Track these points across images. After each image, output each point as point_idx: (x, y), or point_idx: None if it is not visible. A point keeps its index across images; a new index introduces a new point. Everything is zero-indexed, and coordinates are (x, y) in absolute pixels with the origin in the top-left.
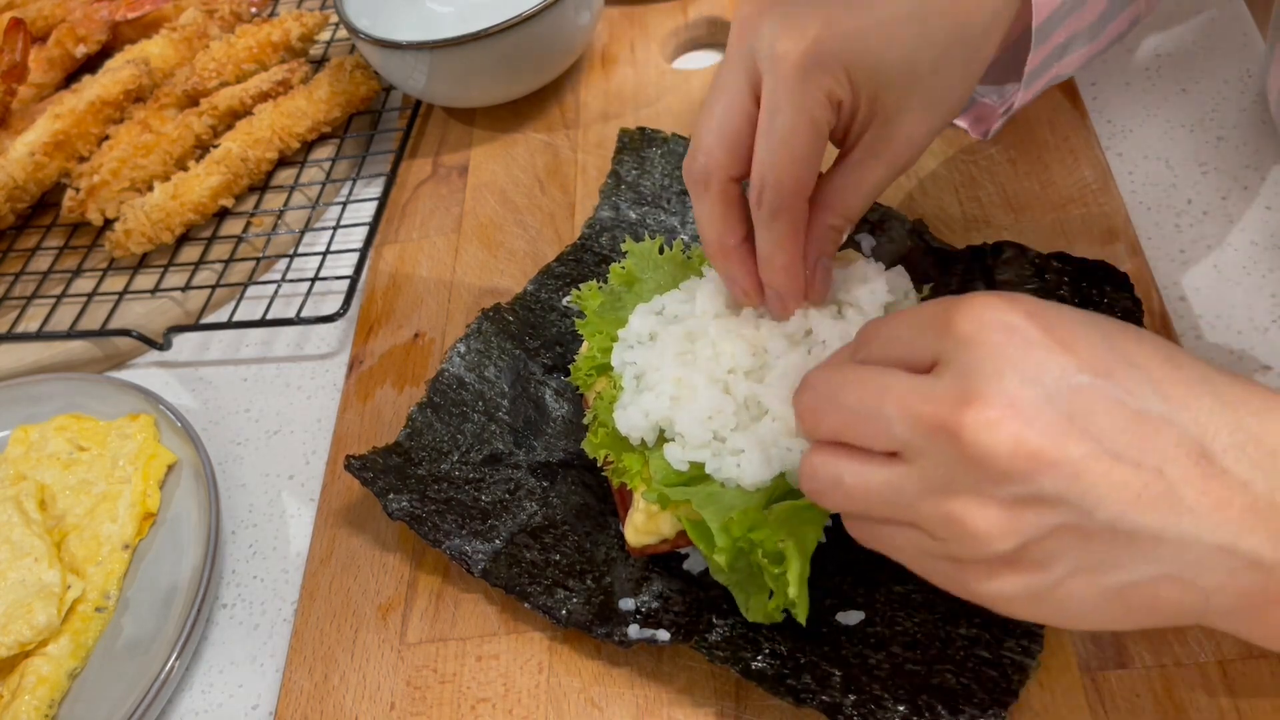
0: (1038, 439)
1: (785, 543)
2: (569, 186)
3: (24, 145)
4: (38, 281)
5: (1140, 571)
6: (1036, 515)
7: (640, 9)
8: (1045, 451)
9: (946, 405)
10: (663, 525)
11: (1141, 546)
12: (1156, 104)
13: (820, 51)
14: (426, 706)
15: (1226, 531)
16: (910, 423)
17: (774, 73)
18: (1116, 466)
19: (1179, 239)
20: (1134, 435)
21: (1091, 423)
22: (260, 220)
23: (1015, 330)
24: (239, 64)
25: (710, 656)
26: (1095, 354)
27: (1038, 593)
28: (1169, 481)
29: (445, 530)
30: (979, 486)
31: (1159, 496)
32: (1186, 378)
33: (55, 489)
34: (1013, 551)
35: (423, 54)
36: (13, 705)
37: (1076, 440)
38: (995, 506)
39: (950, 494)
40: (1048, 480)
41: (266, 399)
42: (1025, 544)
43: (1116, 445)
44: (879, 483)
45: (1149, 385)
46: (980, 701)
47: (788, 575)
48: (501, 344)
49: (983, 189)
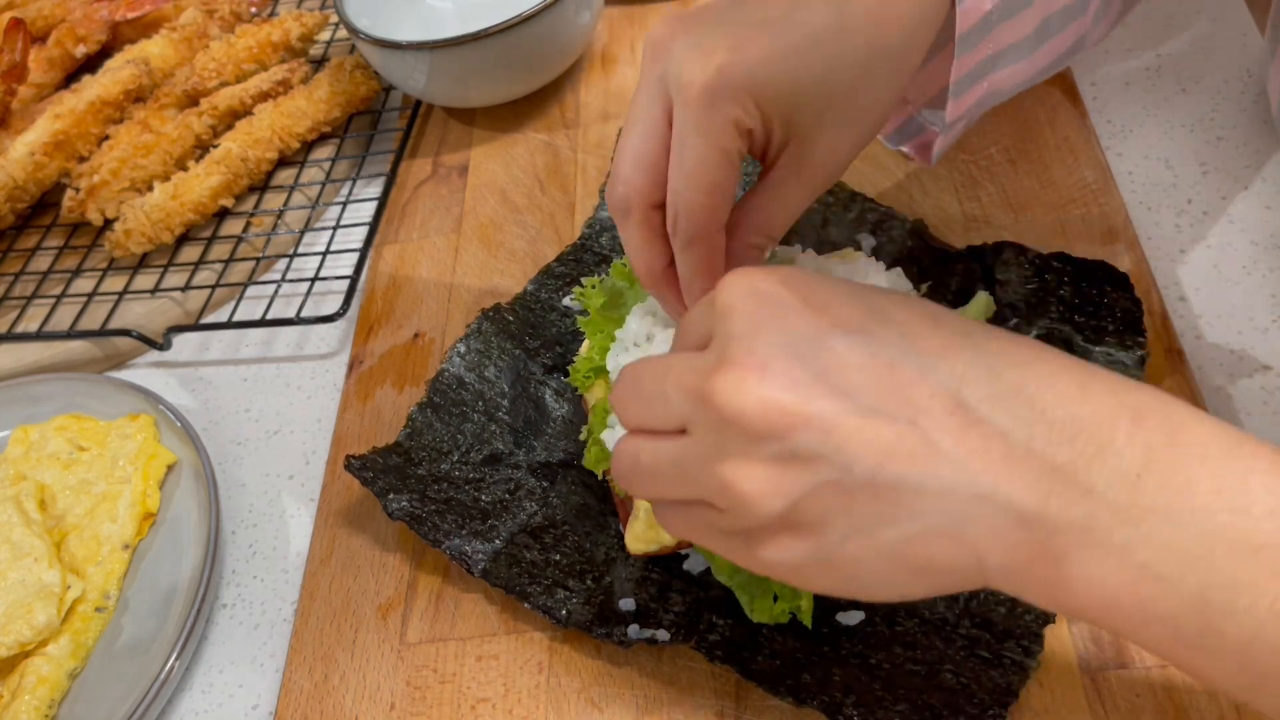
0: (785, 396)
1: None
2: (569, 186)
3: (24, 145)
4: (38, 281)
5: (909, 527)
6: (799, 473)
7: (640, 9)
8: (793, 408)
9: (703, 373)
10: (663, 533)
11: (904, 500)
12: (1156, 104)
13: (725, 80)
14: (426, 706)
15: (985, 480)
16: (683, 395)
17: (681, 102)
18: (868, 421)
19: (1179, 239)
20: (886, 388)
21: (842, 378)
22: (260, 220)
23: (767, 296)
24: (239, 64)
25: (710, 656)
26: (849, 313)
27: (822, 558)
28: (923, 432)
29: (445, 530)
30: (743, 449)
31: (914, 448)
32: (945, 333)
33: (55, 489)
34: (785, 513)
35: (423, 54)
36: (12, 705)
37: (825, 396)
38: (760, 467)
39: (720, 460)
40: (801, 437)
41: (266, 399)
42: (795, 503)
43: (868, 399)
44: (667, 457)
45: (903, 339)
46: (980, 701)
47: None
48: (501, 344)
49: (983, 189)
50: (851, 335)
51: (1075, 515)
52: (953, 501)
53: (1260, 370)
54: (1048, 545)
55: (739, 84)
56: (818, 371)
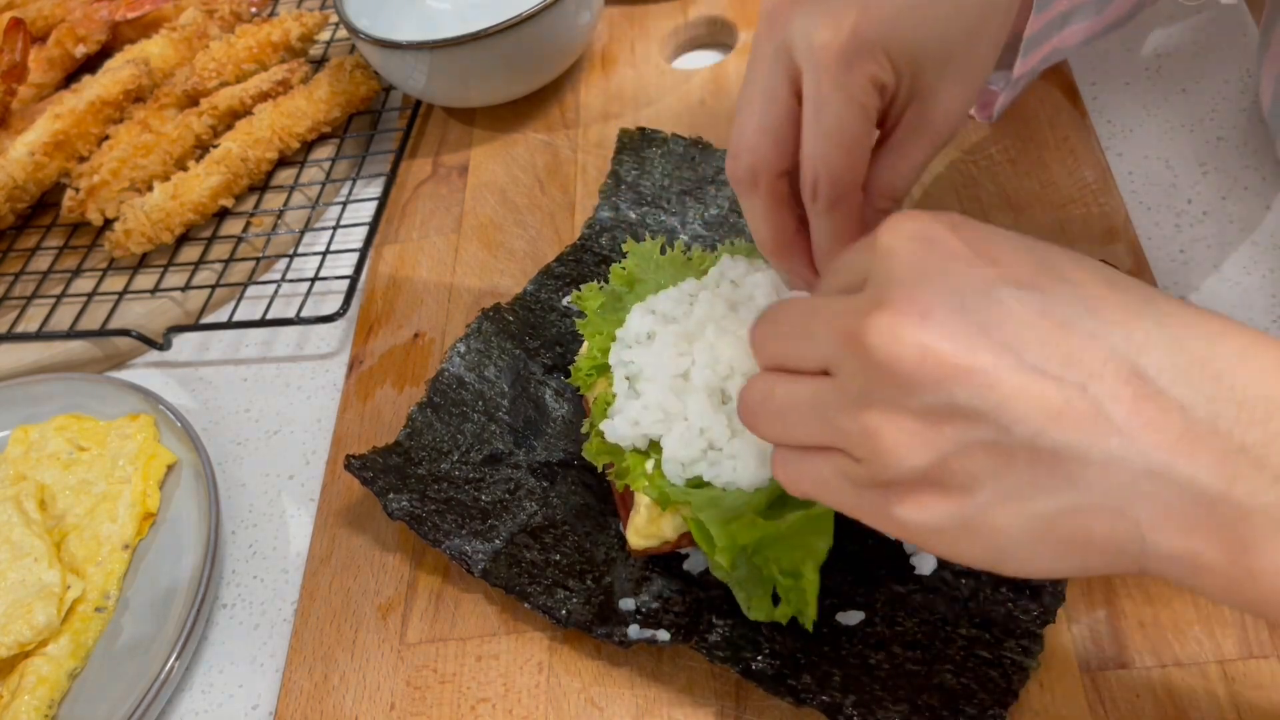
0: (947, 346)
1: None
2: (569, 186)
3: (24, 145)
4: (37, 281)
5: (1067, 498)
6: (952, 429)
7: (640, 9)
8: (954, 359)
9: (857, 315)
10: (664, 527)
11: (1066, 468)
12: (1156, 104)
13: (861, 38)
14: (426, 706)
15: (1160, 455)
16: (830, 336)
17: (816, 64)
18: (1035, 379)
19: (1179, 239)
20: (1056, 348)
21: (1009, 334)
22: (260, 220)
23: (936, 242)
24: (239, 64)
25: (710, 656)
26: (1021, 267)
27: (965, 522)
28: (1094, 399)
29: (445, 530)
30: (893, 398)
31: (1083, 414)
32: (1125, 298)
33: (55, 489)
34: (931, 468)
35: (423, 54)
36: (12, 705)
37: (990, 350)
38: (909, 418)
39: (866, 406)
40: (959, 390)
41: (266, 399)
42: (944, 459)
43: (1036, 358)
44: (804, 397)
45: (1080, 301)
46: (980, 701)
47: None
48: (501, 344)
49: (983, 189)
50: (1023, 290)
51: (1267, 500)
52: (1121, 475)
53: None
54: (1233, 531)
55: (873, 41)
56: (983, 324)
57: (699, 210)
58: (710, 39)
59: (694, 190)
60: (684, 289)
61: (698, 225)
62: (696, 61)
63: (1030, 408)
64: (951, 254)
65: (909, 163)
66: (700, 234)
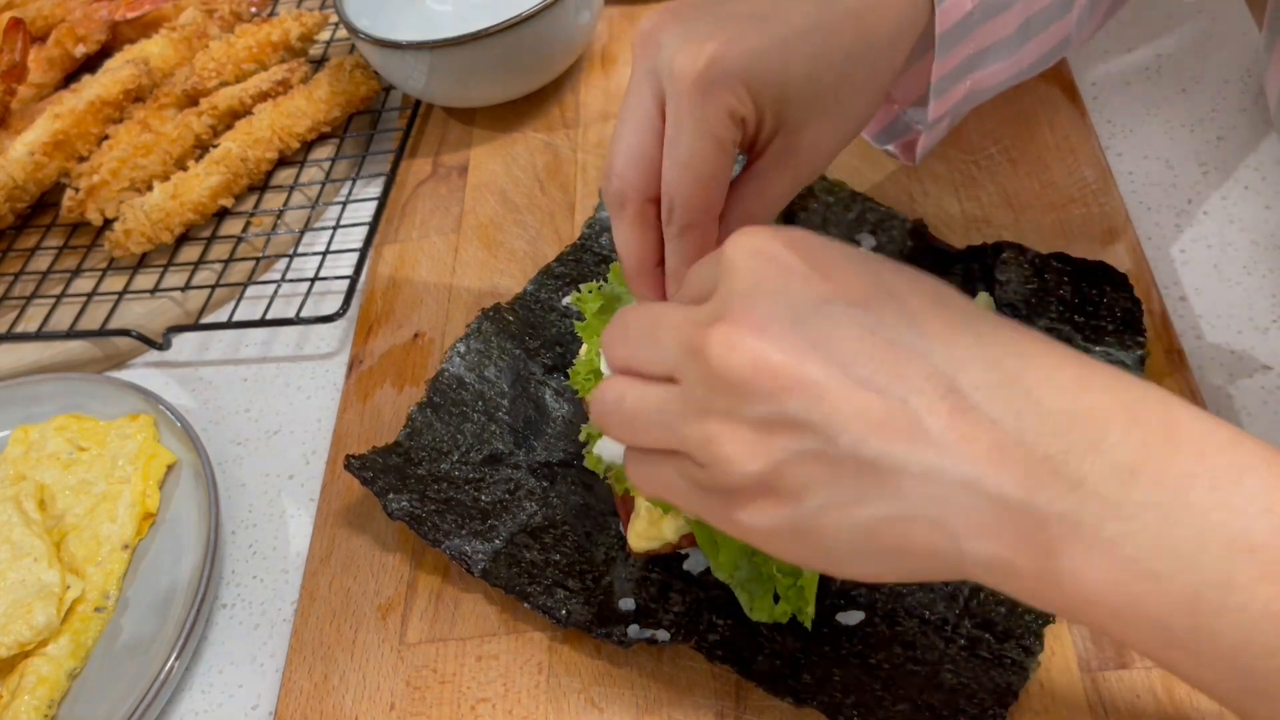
0: (779, 358)
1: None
2: (569, 186)
3: (24, 145)
4: (37, 281)
5: (887, 506)
6: (784, 439)
7: (640, 9)
8: (786, 371)
9: (699, 326)
10: (665, 530)
11: (886, 478)
12: (1156, 104)
13: (719, 69)
14: (426, 706)
15: (971, 467)
16: (675, 345)
17: (674, 91)
18: (859, 392)
19: (1179, 239)
20: (881, 363)
21: (839, 348)
22: (260, 220)
23: (774, 257)
24: (239, 64)
25: (710, 656)
26: (853, 283)
27: (797, 526)
28: (913, 412)
29: (445, 530)
30: (730, 407)
31: (903, 427)
32: (949, 316)
33: (55, 489)
34: (765, 475)
35: (423, 54)
36: (12, 705)
37: (820, 363)
38: (745, 427)
39: (707, 414)
40: (790, 401)
41: (266, 399)
42: (776, 467)
43: (862, 372)
44: (653, 402)
45: (905, 318)
46: (980, 701)
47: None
48: (501, 344)
49: (983, 189)
50: (854, 307)
51: (1064, 507)
52: (936, 486)
53: (1260, 370)
54: (1035, 538)
55: (732, 72)
56: (815, 339)
57: None
58: None
59: None
60: None
61: None
62: None
63: (855, 419)
64: (789, 269)
65: (769, 193)
66: None
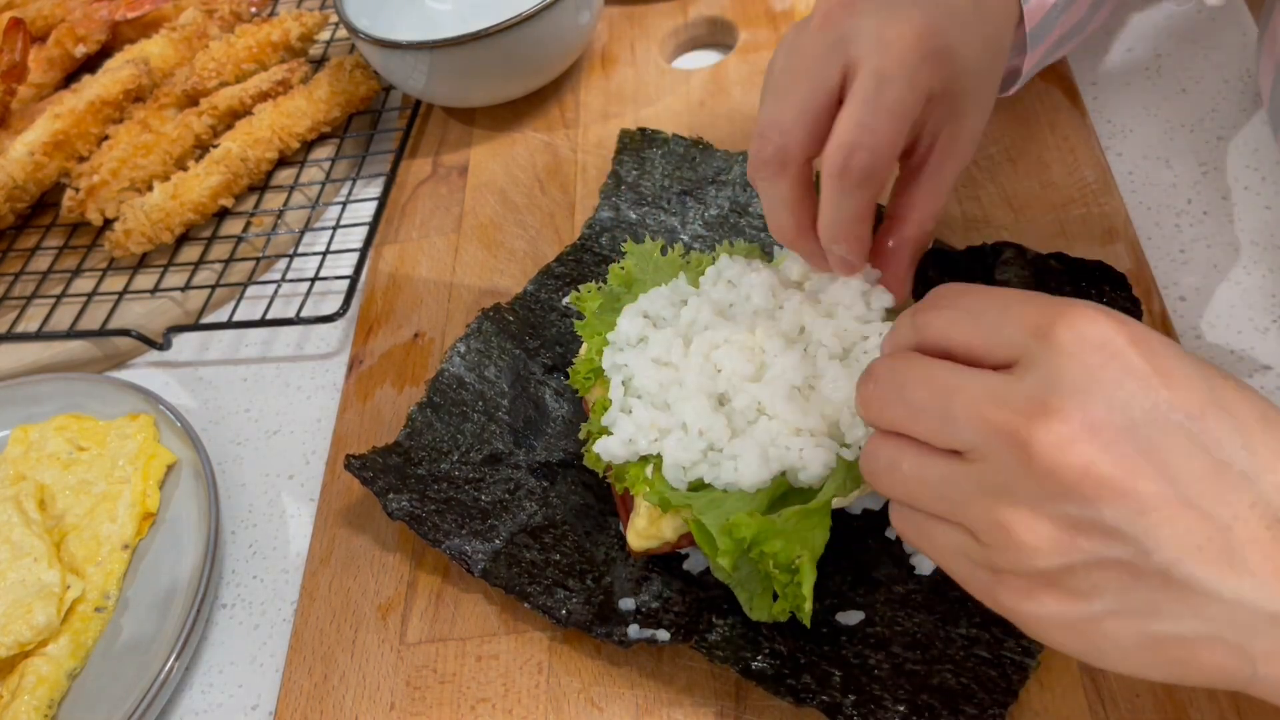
0: (1111, 467)
1: (800, 556)
2: (569, 186)
3: (24, 145)
4: (37, 281)
5: (1186, 626)
6: (1090, 542)
7: (640, 9)
8: (1116, 481)
9: (1022, 413)
10: (664, 529)
11: (1192, 600)
12: (1156, 104)
13: (930, 43)
14: (426, 706)
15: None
16: (978, 425)
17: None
18: (1185, 512)
19: (1179, 239)
20: (1211, 485)
21: (1171, 463)
22: (260, 220)
23: (1116, 353)
24: (239, 64)
25: (710, 656)
26: (1192, 394)
27: (1074, 624)
28: (1235, 539)
29: (445, 530)
30: (1037, 500)
31: (1221, 552)
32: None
33: (55, 489)
34: (1056, 572)
35: (423, 54)
36: (12, 705)
37: (1151, 477)
38: (1049, 523)
39: (1006, 501)
40: (1110, 509)
41: (266, 399)
42: (1071, 567)
43: (1191, 491)
44: (936, 477)
45: (1238, 438)
46: (980, 701)
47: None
48: (501, 344)
49: (983, 189)
50: (1190, 420)
51: None
52: (1246, 614)
53: (1260, 370)
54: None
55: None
56: (1149, 450)
57: (699, 210)
58: (710, 39)
59: (694, 190)
60: (675, 287)
61: (698, 225)
62: (696, 61)
63: (1175, 538)
64: (1130, 370)
65: (944, 186)
66: (700, 234)
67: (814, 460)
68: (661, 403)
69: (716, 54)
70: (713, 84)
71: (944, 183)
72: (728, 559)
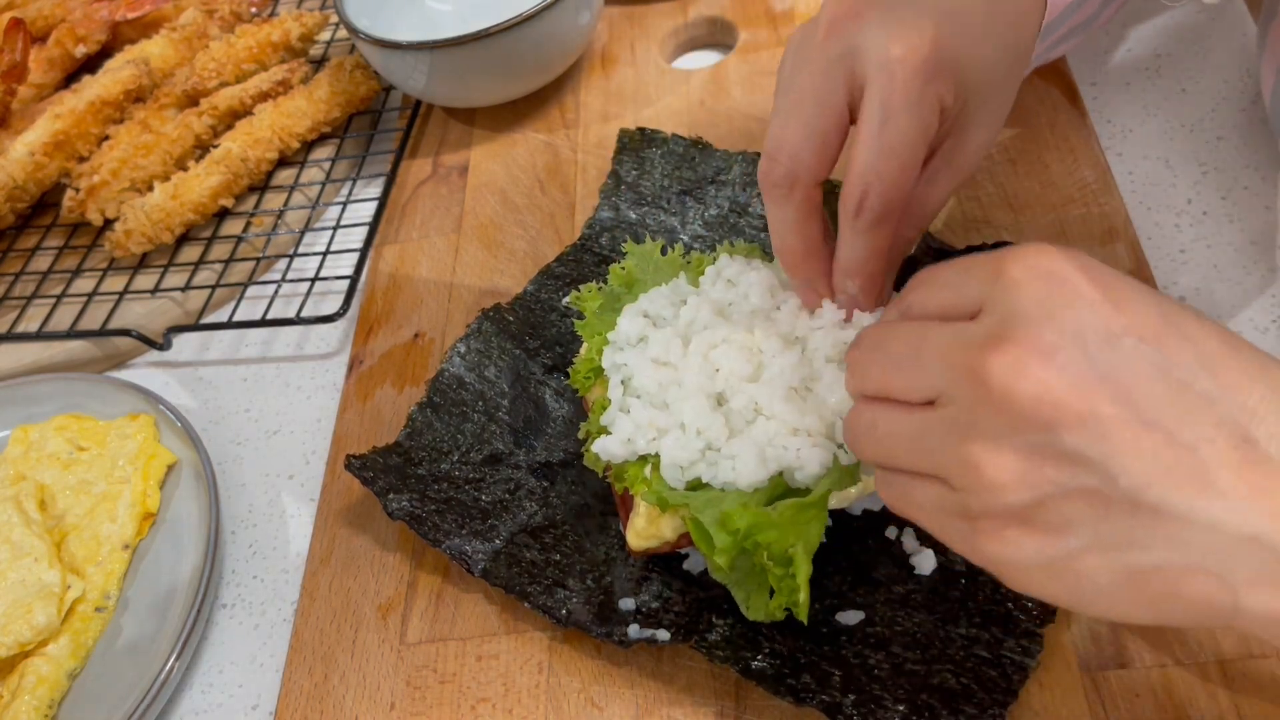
0: (1066, 390)
1: (794, 548)
2: (569, 186)
3: (24, 145)
4: (38, 281)
5: (1163, 555)
6: (1055, 470)
7: (640, 9)
8: (1072, 404)
9: (979, 347)
10: (664, 528)
11: (1166, 526)
12: (1156, 104)
13: (939, 57)
14: (426, 706)
15: (1261, 522)
16: (943, 367)
17: (890, 75)
18: (1147, 434)
19: (1179, 239)
20: (1172, 407)
21: (1129, 386)
22: (260, 220)
23: (1065, 280)
24: (239, 64)
25: (710, 656)
26: (1147, 319)
27: (1051, 562)
28: (1203, 460)
29: (445, 530)
30: (1000, 433)
31: (1190, 474)
32: (1242, 362)
33: (55, 489)
34: (1027, 507)
35: (423, 54)
36: (12, 705)
37: (1108, 400)
38: (1013, 454)
39: (971, 438)
40: (1071, 435)
41: (266, 399)
42: (1041, 500)
43: (1152, 413)
44: (911, 429)
45: (1198, 361)
46: (980, 701)
47: (796, 578)
48: (501, 344)
49: (983, 189)
50: (1146, 344)
51: None
52: (1222, 538)
53: None
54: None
55: (948, 63)
56: (1105, 372)
57: (699, 210)
58: (710, 39)
59: (694, 190)
60: (675, 287)
61: (698, 225)
62: (696, 61)
63: (1139, 461)
64: (1079, 295)
65: (939, 194)
66: (700, 234)
67: (811, 460)
68: (660, 402)
69: (716, 54)
70: (713, 84)
71: (937, 194)
72: (725, 556)
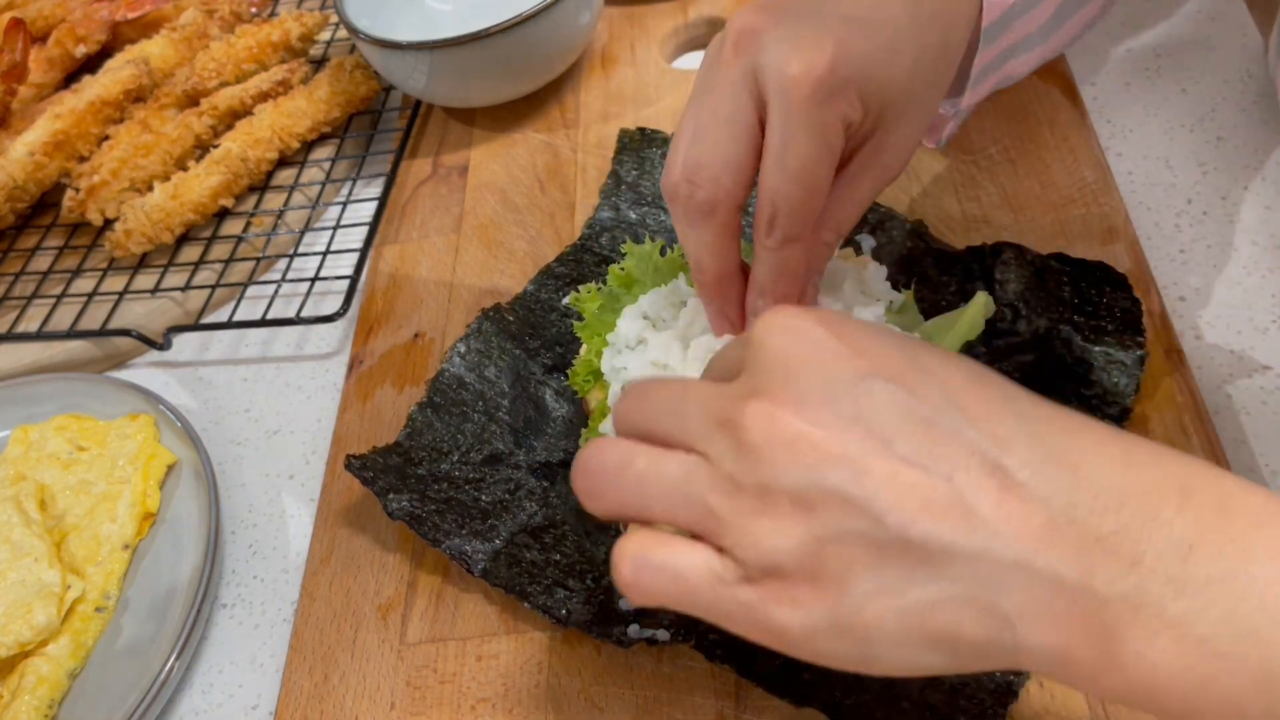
0: (819, 433)
1: None
2: (569, 186)
3: (24, 145)
4: (38, 281)
5: (937, 589)
6: (826, 514)
7: (640, 9)
8: (827, 445)
9: (732, 400)
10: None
11: (935, 560)
12: (1156, 104)
13: (837, 75)
14: (426, 706)
15: (1023, 547)
16: (703, 419)
17: (788, 97)
18: (904, 469)
19: (1179, 239)
20: (923, 441)
21: (879, 424)
22: (260, 220)
23: (805, 334)
24: (239, 64)
25: (710, 656)
26: (889, 360)
27: (838, 620)
28: (959, 491)
29: (445, 530)
30: (765, 483)
31: (949, 505)
32: (988, 394)
33: (55, 489)
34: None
35: (423, 54)
36: (12, 705)
37: (860, 438)
38: (784, 500)
39: (738, 491)
40: (832, 474)
41: (266, 399)
42: (818, 546)
43: (903, 449)
44: (673, 469)
45: (943, 396)
46: (980, 701)
47: None
48: (501, 344)
49: (983, 189)
50: (891, 384)
51: (1124, 587)
52: (988, 567)
53: (1260, 370)
54: (1094, 621)
55: (848, 79)
56: (854, 414)
57: None
58: (710, 39)
59: None
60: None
61: None
62: (696, 62)
63: (900, 496)
64: (822, 346)
65: (857, 197)
66: None
67: None
68: None
69: None
70: None
71: (858, 197)
72: None
